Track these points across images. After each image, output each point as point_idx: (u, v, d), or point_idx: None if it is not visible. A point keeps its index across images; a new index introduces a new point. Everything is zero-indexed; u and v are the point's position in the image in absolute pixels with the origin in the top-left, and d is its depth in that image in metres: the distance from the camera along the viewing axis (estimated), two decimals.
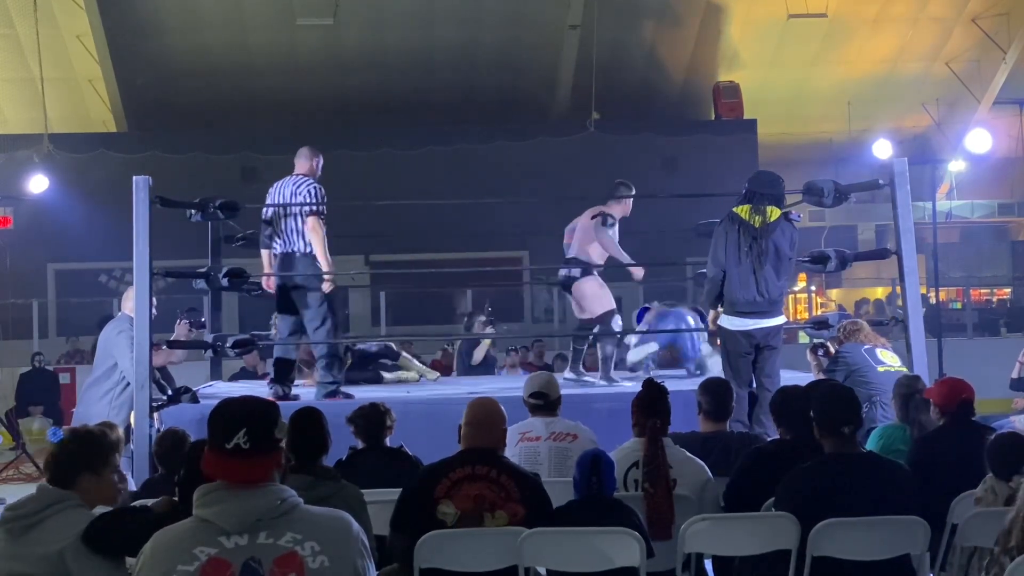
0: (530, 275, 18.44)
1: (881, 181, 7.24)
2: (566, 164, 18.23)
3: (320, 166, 7.30)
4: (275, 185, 7.23)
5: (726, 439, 5.11)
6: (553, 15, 18.95)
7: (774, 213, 6.38)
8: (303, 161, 7.25)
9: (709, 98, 20.91)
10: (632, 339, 8.57)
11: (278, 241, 7.13)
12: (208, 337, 7.61)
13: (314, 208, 7.00)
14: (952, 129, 21.99)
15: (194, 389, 7.07)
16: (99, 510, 3.36)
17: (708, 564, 4.45)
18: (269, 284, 7.35)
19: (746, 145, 19.32)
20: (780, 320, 6.51)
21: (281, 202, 7.07)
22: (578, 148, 18.87)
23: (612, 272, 8.36)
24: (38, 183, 17.13)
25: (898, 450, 5.05)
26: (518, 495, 3.87)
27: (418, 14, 18.89)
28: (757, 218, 6.34)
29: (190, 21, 18.69)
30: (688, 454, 4.53)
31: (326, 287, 7.05)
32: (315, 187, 7.09)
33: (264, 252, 7.29)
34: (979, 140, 18.00)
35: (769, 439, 5.14)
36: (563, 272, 8.04)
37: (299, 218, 7.03)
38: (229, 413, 2.69)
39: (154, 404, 6.51)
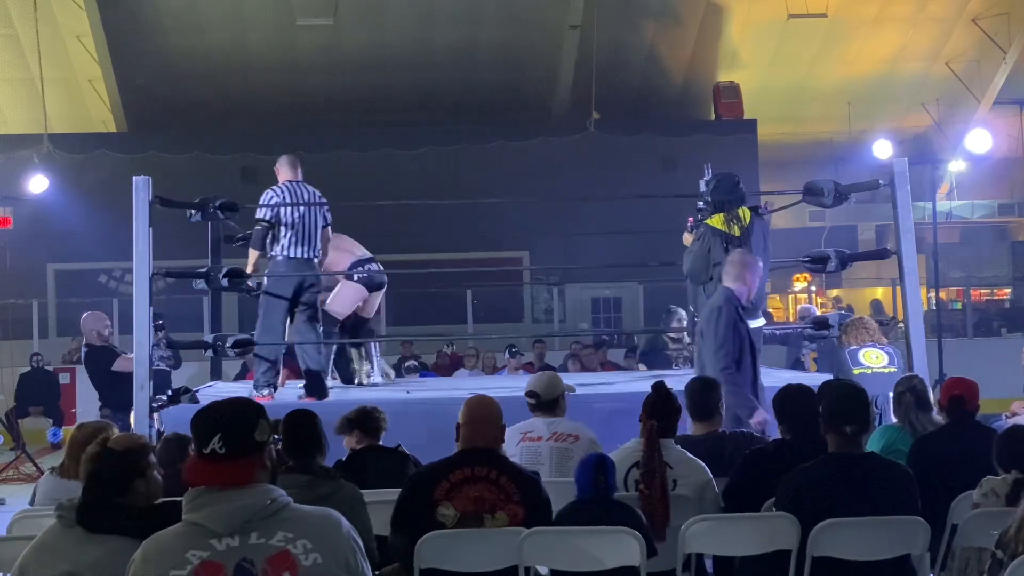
0: (530, 275, 18.45)
1: (881, 181, 7.25)
2: (566, 164, 18.20)
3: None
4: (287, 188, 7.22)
5: (725, 440, 5.10)
6: (553, 15, 18.91)
7: (746, 215, 6.48)
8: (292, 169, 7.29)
9: (709, 98, 20.86)
10: None
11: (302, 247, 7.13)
12: (208, 337, 7.62)
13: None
14: (952, 129, 21.97)
15: (194, 389, 7.07)
16: None
17: (708, 564, 4.45)
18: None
19: (746, 145, 19.27)
20: (760, 323, 6.57)
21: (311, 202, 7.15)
22: (578, 148, 18.83)
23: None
24: (38, 183, 17.10)
25: (899, 450, 5.05)
26: (518, 496, 3.87)
27: (418, 14, 18.86)
28: (735, 226, 6.44)
29: (190, 21, 18.65)
30: (688, 454, 4.53)
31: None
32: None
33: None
34: (979, 140, 17.99)
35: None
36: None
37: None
38: (205, 419, 2.70)
39: (154, 405, 6.51)
